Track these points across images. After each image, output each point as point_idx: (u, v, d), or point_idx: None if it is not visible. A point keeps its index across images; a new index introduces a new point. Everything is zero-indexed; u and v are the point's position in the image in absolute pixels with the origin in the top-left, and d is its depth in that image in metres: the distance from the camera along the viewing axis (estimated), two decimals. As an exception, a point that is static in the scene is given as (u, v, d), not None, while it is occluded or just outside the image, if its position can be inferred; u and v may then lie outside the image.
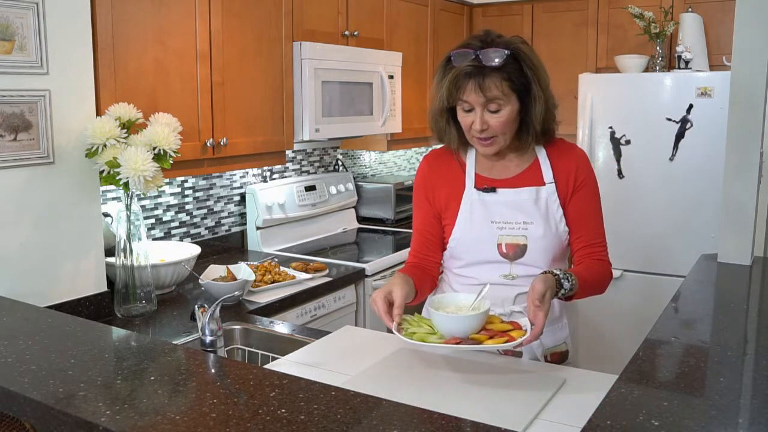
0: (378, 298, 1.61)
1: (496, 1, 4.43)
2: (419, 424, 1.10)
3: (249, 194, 3.20)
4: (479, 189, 1.81)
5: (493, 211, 1.79)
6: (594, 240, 1.81)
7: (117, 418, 1.12)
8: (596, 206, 1.83)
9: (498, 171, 1.83)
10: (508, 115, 1.68)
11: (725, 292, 2.27)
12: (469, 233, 1.80)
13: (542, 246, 1.77)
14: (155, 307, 2.27)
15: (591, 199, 1.81)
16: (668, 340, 1.71)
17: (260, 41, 2.78)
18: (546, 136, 1.78)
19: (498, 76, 1.64)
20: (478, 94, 1.65)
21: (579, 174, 1.80)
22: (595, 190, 1.83)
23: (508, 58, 1.64)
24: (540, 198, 1.78)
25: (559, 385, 1.59)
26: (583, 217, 1.80)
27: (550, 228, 1.78)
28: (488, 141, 1.73)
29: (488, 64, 1.64)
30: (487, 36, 1.69)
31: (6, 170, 1.93)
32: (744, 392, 1.41)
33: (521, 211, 1.78)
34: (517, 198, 1.78)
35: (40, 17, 1.97)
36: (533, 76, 1.68)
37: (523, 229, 1.77)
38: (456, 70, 1.66)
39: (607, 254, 1.83)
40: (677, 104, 3.52)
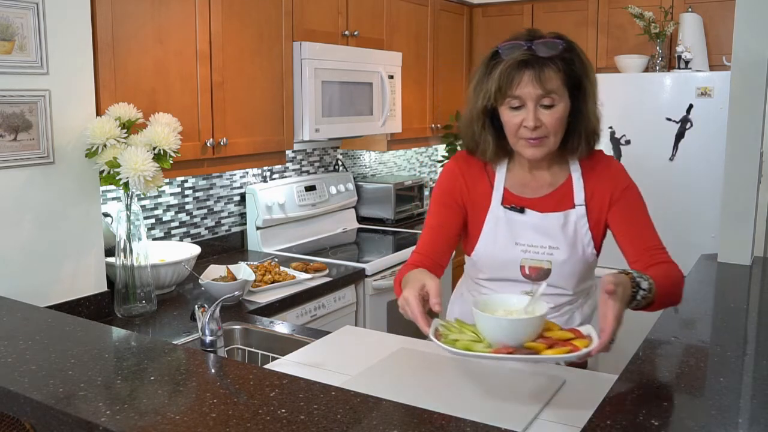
0: (410, 296, 1.40)
1: (496, 1, 4.43)
2: (419, 424, 1.10)
3: (249, 194, 3.20)
4: (506, 207, 1.70)
5: (519, 232, 1.69)
6: (650, 244, 1.64)
7: (117, 418, 1.12)
8: (643, 214, 1.68)
9: (529, 189, 1.71)
10: (562, 111, 1.58)
11: (725, 292, 2.27)
12: (492, 252, 1.72)
13: (567, 270, 1.69)
14: (155, 307, 2.27)
15: (635, 209, 1.68)
16: (668, 340, 1.71)
17: (260, 41, 2.78)
18: (588, 146, 1.67)
19: (555, 66, 1.54)
20: (536, 85, 1.53)
21: (615, 191, 1.68)
22: (638, 199, 1.70)
23: (563, 51, 1.55)
24: (568, 222, 1.68)
25: (559, 385, 1.59)
26: (630, 227, 1.67)
27: (576, 252, 1.69)
28: (538, 141, 1.60)
29: (544, 54, 1.53)
30: (534, 31, 1.60)
31: (6, 170, 1.93)
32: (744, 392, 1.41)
33: (547, 235, 1.68)
34: (544, 223, 1.68)
35: (40, 17, 1.97)
36: (585, 71, 1.60)
37: (548, 254, 1.68)
38: (508, 61, 1.54)
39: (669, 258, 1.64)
40: (677, 104, 3.52)
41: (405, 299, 1.40)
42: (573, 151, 1.66)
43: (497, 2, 4.42)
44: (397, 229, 3.73)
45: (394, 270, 3.07)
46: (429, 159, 4.86)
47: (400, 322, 3.13)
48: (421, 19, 3.93)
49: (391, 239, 3.53)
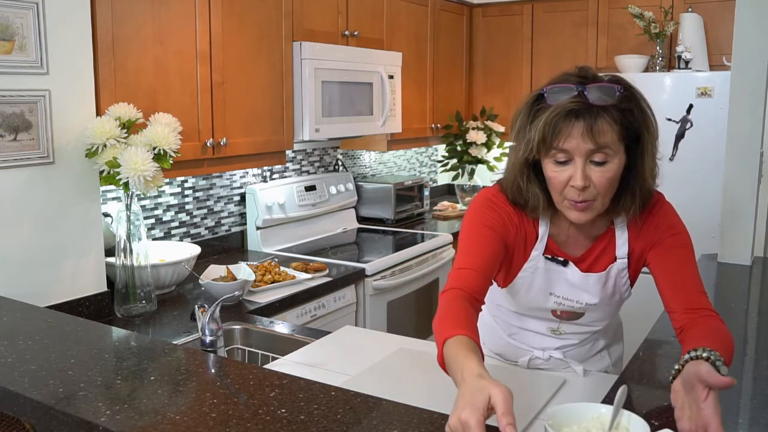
0: (472, 421, 1.00)
1: (496, 1, 4.43)
2: (419, 424, 1.10)
3: (249, 194, 3.20)
4: (547, 257, 1.53)
5: (556, 285, 1.55)
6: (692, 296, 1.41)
7: (117, 418, 1.12)
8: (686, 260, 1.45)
9: (572, 243, 1.54)
10: (616, 170, 1.34)
11: (725, 292, 2.27)
12: (524, 297, 1.59)
13: (599, 315, 1.59)
14: (155, 307, 2.27)
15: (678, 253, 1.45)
16: (668, 340, 1.71)
17: (260, 41, 2.78)
18: (641, 206, 1.44)
19: (610, 118, 1.31)
20: (586, 140, 1.30)
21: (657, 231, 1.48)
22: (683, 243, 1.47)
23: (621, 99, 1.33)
24: (609, 278, 1.53)
25: (559, 385, 1.59)
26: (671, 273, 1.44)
27: (613, 303, 1.58)
28: (585, 204, 1.37)
29: (598, 102, 1.31)
30: (587, 71, 1.39)
31: (6, 170, 1.93)
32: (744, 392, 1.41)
33: (586, 291, 1.54)
34: (585, 281, 1.53)
35: (40, 17, 1.97)
36: (646, 123, 1.37)
37: (584, 308, 1.58)
38: (556, 108, 1.32)
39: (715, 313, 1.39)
40: (677, 104, 3.52)
41: (464, 425, 1.00)
42: (624, 210, 1.44)
43: (497, 2, 4.42)
44: (397, 229, 3.73)
45: (393, 270, 3.07)
46: (429, 159, 4.86)
47: (400, 322, 3.13)
48: (421, 19, 3.93)
49: (391, 239, 3.53)
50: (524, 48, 4.35)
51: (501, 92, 4.49)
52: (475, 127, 4.36)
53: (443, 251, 3.48)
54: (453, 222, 3.98)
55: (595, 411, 1.09)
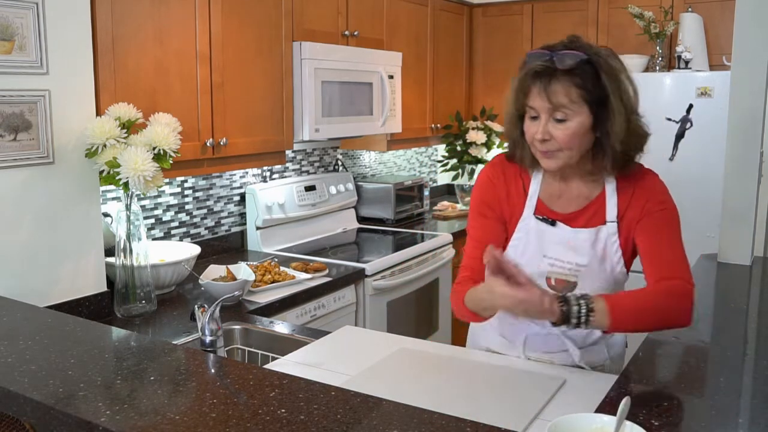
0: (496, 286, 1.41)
1: (496, 1, 4.43)
2: (419, 424, 1.10)
3: (249, 194, 3.20)
4: (538, 217, 1.65)
5: (548, 246, 1.64)
6: (664, 275, 1.53)
7: (117, 418, 1.12)
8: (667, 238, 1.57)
9: (562, 201, 1.66)
10: (575, 127, 1.50)
11: (725, 292, 2.27)
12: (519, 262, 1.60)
13: (593, 287, 1.61)
14: (155, 307, 2.27)
15: (659, 231, 1.58)
16: (668, 340, 1.71)
17: (260, 41, 2.78)
18: (625, 164, 1.58)
19: (568, 81, 1.49)
20: (543, 98, 1.49)
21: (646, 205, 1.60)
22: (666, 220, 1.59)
23: (584, 64, 1.48)
24: (599, 239, 1.62)
25: (559, 385, 1.59)
26: (651, 251, 1.58)
27: (604, 270, 1.63)
28: (549, 153, 1.55)
29: (560, 66, 1.48)
30: (572, 40, 1.54)
31: (6, 170, 1.93)
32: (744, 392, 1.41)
33: (576, 252, 1.62)
34: (575, 238, 1.62)
35: (40, 17, 1.97)
36: (613, 87, 1.51)
37: (576, 270, 1.63)
38: (525, 69, 1.53)
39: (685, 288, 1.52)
40: (677, 104, 3.52)
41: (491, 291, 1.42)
42: (600, 169, 1.59)
43: (497, 2, 4.42)
44: (397, 229, 3.73)
45: (393, 270, 3.07)
46: (429, 159, 4.86)
47: (400, 322, 3.13)
48: (421, 19, 3.93)
49: (391, 239, 3.53)
50: (524, 48, 4.34)
51: (501, 92, 4.44)
52: (475, 127, 4.36)
53: (443, 251, 3.48)
54: (453, 222, 3.98)
55: (598, 422, 1.09)
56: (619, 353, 1.80)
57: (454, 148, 4.41)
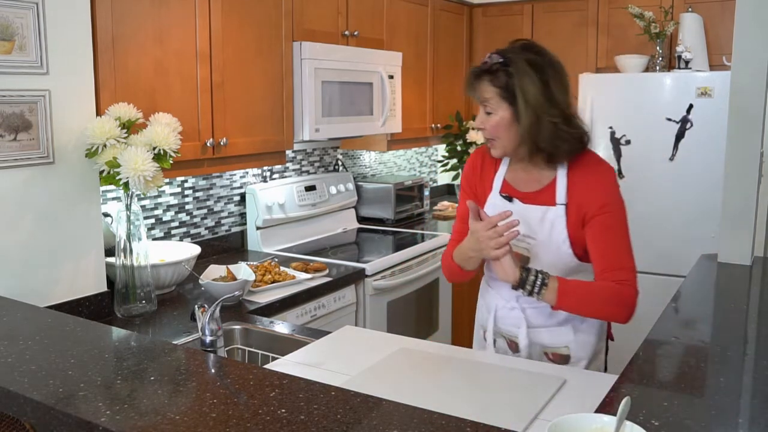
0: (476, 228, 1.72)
1: (496, 1, 4.43)
2: (419, 424, 1.10)
3: (249, 194, 3.20)
4: (501, 195, 1.87)
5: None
6: (610, 266, 1.73)
7: (117, 418, 1.12)
8: (614, 234, 1.75)
9: (522, 183, 1.86)
10: (498, 120, 1.75)
11: (725, 292, 2.27)
12: None
13: (544, 262, 1.78)
14: (155, 307, 2.27)
15: (608, 228, 1.75)
16: (668, 340, 1.71)
17: (260, 41, 2.78)
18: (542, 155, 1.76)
19: (488, 80, 1.74)
20: (473, 94, 1.79)
21: (596, 200, 1.75)
22: (614, 218, 1.75)
23: (502, 66, 1.72)
24: (546, 218, 1.79)
25: (559, 385, 1.59)
26: (598, 244, 1.75)
27: (550, 248, 1.78)
28: (490, 142, 1.81)
29: (483, 68, 1.75)
30: (512, 43, 1.78)
31: (6, 170, 1.93)
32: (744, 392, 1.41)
33: (527, 225, 1.79)
34: (525, 213, 1.80)
35: (40, 17, 1.97)
36: (519, 89, 1.70)
37: (526, 243, 1.80)
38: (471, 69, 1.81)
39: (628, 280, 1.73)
40: (677, 104, 3.52)
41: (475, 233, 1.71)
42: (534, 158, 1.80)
43: (497, 2, 4.42)
44: (397, 229, 3.73)
45: (393, 270, 3.07)
46: (429, 159, 4.86)
47: (400, 322, 3.13)
48: (421, 19, 3.93)
49: (391, 239, 3.53)
50: (524, 48, 4.34)
51: (501, 92, 4.48)
52: (475, 127, 4.35)
53: (443, 251, 3.47)
54: (453, 222, 3.97)
55: (598, 422, 1.10)
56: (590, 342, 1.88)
57: (454, 148, 4.41)
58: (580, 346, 1.86)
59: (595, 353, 1.89)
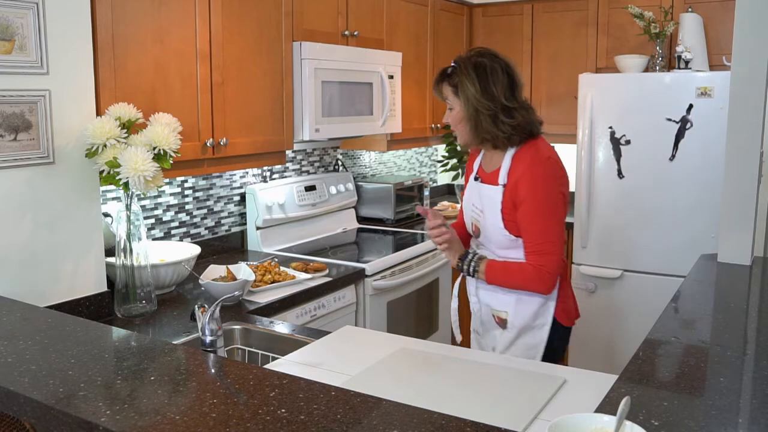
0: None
1: (496, 1, 4.43)
2: (419, 424, 1.10)
3: (249, 194, 3.20)
4: (474, 176, 2.22)
5: (472, 196, 2.21)
6: (530, 249, 2.04)
7: (117, 418, 1.12)
8: (537, 220, 2.02)
9: (486, 166, 2.19)
10: (455, 115, 2.09)
11: (725, 292, 2.27)
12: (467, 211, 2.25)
13: (487, 233, 2.14)
14: (155, 307, 2.27)
15: (528, 213, 2.02)
16: (668, 340, 1.71)
17: (260, 41, 2.78)
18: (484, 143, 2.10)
19: (446, 82, 2.10)
20: (437, 93, 2.14)
21: (524, 187, 2.02)
22: (538, 205, 2.01)
23: (455, 70, 2.08)
24: (490, 196, 2.11)
25: (559, 385, 1.59)
26: (524, 228, 2.04)
27: (490, 222, 2.11)
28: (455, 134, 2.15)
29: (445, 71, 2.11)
30: (469, 51, 2.14)
31: (6, 170, 1.93)
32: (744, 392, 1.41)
33: (480, 200, 2.15)
34: (481, 191, 2.15)
35: (40, 17, 1.97)
36: (460, 86, 2.05)
37: (478, 215, 2.16)
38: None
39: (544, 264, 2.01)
40: (677, 104, 3.52)
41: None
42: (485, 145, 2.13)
43: (497, 2, 4.42)
44: (397, 229, 3.73)
45: (393, 270, 3.07)
46: (429, 159, 4.86)
47: (400, 322, 3.13)
48: (421, 19, 3.93)
49: (391, 239, 3.53)
50: (524, 48, 4.35)
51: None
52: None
53: (443, 251, 3.48)
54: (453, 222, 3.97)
55: (598, 422, 1.09)
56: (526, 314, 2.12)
57: (454, 148, 4.41)
58: (516, 314, 2.13)
59: (530, 327, 2.13)
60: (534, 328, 2.13)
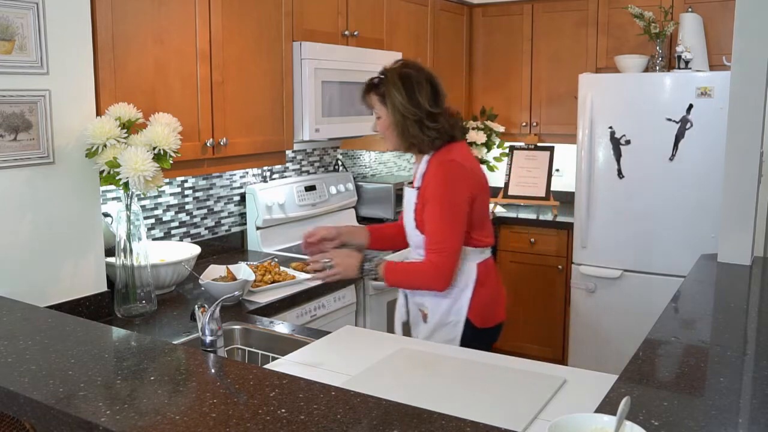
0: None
1: (496, 1, 4.43)
2: (419, 424, 1.10)
3: (249, 194, 3.20)
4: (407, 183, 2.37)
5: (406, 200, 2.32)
6: (430, 247, 2.14)
7: (117, 418, 1.12)
8: (436, 221, 2.13)
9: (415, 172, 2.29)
10: (382, 123, 2.20)
11: (725, 292, 2.27)
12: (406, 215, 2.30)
13: (408, 235, 2.28)
14: (155, 307, 2.27)
15: (430, 213, 2.14)
16: (668, 340, 1.71)
17: (260, 41, 2.78)
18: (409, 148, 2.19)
19: (372, 92, 2.19)
20: (365, 103, 2.24)
21: (429, 188, 2.14)
22: (438, 207, 2.11)
23: (380, 79, 2.18)
24: (409, 199, 2.25)
25: (559, 385, 1.59)
26: (425, 227, 2.16)
27: (408, 222, 2.25)
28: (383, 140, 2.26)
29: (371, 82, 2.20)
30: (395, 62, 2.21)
31: (6, 170, 1.93)
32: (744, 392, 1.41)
33: (406, 204, 2.28)
34: (406, 194, 2.29)
35: (40, 17, 1.97)
36: (387, 95, 2.15)
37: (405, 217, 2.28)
38: None
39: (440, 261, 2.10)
40: (677, 104, 3.52)
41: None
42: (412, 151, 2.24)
43: (497, 2, 4.42)
44: (397, 229, 3.72)
45: (394, 270, 3.07)
46: (429, 159, 4.85)
47: (400, 322, 3.13)
48: (421, 19, 3.93)
49: (391, 239, 3.52)
50: (524, 48, 4.35)
51: (501, 92, 4.49)
52: (475, 127, 4.36)
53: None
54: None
55: (598, 422, 1.09)
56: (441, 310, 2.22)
57: (454, 148, 4.40)
58: (433, 309, 2.23)
59: (444, 323, 2.22)
60: (448, 324, 2.22)
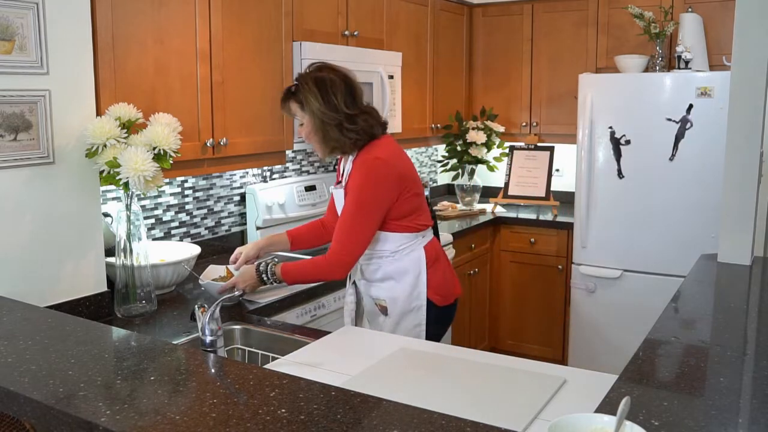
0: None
1: (496, 1, 4.43)
2: (419, 424, 1.10)
3: (249, 194, 3.20)
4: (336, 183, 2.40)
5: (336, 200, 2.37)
6: (334, 237, 2.20)
7: (117, 418, 1.12)
8: (345, 216, 2.18)
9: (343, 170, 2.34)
10: (305, 128, 2.22)
11: (725, 292, 2.27)
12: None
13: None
14: (155, 307, 2.27)
15: (345, 209, 2.19)
16: (668, 340, 1.71)
17: (260, 41, 2.78)
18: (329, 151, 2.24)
19: (291, 99, 2.21)
20: (286, 112, 2.27)
21: (349, 185, 2.20)
22: (351, 203, 2.17)
23: (296, 86, 2.20)
24: (337, 197, 2.32)
25: (559, 385, 1.59)
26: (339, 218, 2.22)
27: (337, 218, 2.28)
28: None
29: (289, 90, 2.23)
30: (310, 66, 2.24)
31: (6, 170, 1.93)
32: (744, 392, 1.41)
33: (336, 203, 2.33)
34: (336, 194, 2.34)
35: (40, 17, 1.97)
36: (305, 101, 2.17)
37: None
38: None
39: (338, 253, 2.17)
40: (677, 104, 3.52)
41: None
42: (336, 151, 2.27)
43: (497, 2, 4.42)
44: (397, 229, 3.72)
45: (394, 270, 3.06)
46: (429, 159, 4.86)
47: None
48: (421, 19, 3.93)
49: (391, 239, 3.52)
50: (524, 48, 4.35)
51: (501, 92, 4.49)
52: (475, 127, 4.36)
53: (443, 251, 3.47)
54: (453, 222, 3.98)
55: (598, 422, 1.09)
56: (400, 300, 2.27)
57: (454, 148, 4.41)
58: (393, 301, 2.28)
59: (407, 311, 2.27)
60: (411, 311, 2.28)
